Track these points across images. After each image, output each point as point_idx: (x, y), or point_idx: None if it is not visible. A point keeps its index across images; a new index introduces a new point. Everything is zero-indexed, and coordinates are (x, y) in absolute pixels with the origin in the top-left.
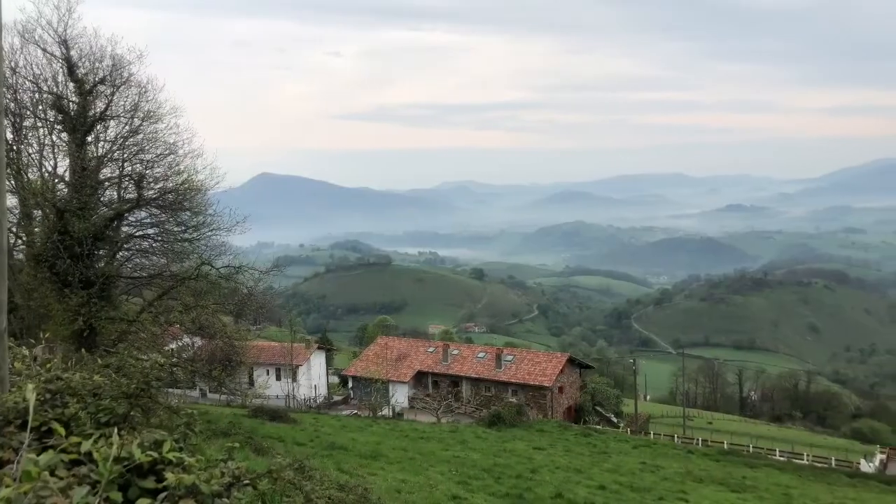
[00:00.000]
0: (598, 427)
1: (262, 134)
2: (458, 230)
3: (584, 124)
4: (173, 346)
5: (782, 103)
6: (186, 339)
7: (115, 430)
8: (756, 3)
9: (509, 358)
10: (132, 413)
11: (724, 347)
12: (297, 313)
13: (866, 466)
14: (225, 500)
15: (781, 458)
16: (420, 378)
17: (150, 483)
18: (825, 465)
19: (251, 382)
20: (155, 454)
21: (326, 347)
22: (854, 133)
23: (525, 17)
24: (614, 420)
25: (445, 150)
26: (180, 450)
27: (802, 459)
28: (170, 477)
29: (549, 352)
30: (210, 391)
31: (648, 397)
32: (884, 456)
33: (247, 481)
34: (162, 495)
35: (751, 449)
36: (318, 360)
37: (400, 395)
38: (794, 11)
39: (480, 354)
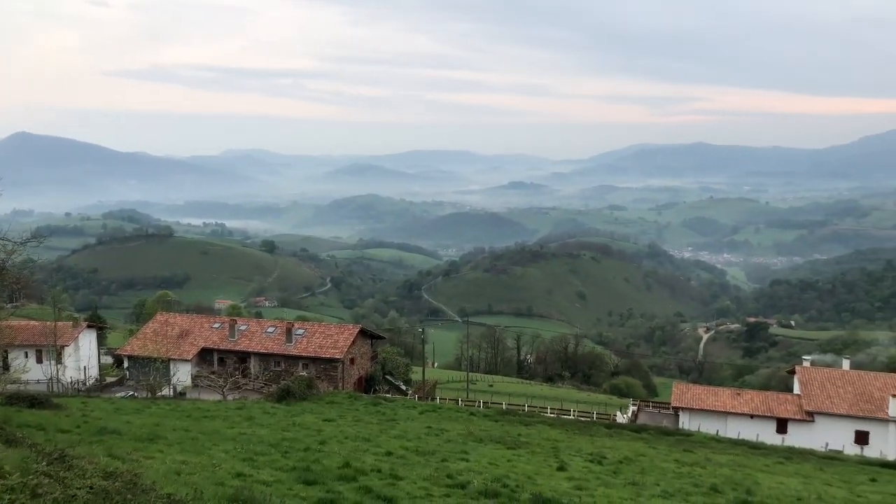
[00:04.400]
0: (387, 395)
1: (19, 89)
2: (246, 200)
3: (376, 98)
4: None
5: (561, 88)
6: None
7: None
8: None
9: (300, 332)
10: None
11: (506, 315)
12: (62, 289)
13: (621, 418)
14: None
15: (552, 415)
16: (205, 355)
17: None
18: (588, 419)
19: (5, 366)
20: None
21: (98, 326)
22: (619, 119)
23: None
24: (403, 388)
25: (232, 116)
26: None
27: (569, 415)
28: None
29: (341, 324)
30: None
31: (436, 364)
32: (635, 407)
33: None
34: None
35: (526, 408)
36: (87, 340)
37: (182, 374)
38: (572, 2)
39: (270, 329)
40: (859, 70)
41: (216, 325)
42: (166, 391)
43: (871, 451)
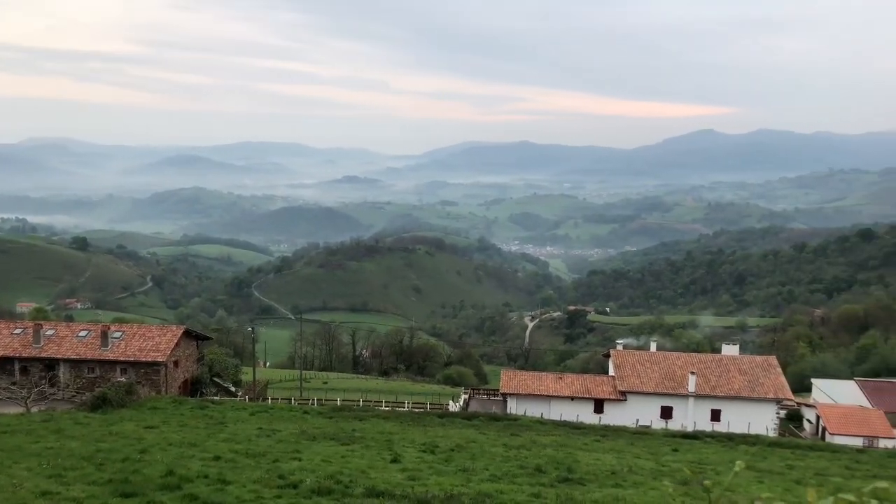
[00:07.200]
0: (215, 398)
1: None
2: (53, 194)
3: (201, 86)
4: None
5: (394, 84)
6: None
7: None
8: None
9: (118, 335)
10: None
11: (341, 311)
12: None
13: (454, 406)
14: None
15: (386, 409)
16: (4, 364)
17: None
18: (422, 410)
19: None
20: None
21: None
22: (449, 116)
23: None
24: (233, 389)
25: (35, 101)
26: None
27: (404, 407)
28: None
29: (163, 325)
30: None
31: (268, 364)
32: (467, 396)
33: None
34: None
35: (361, 403)
36: None
37: None
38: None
39: (82, 333)
40: (661, 76)
41: (17, 331)
42: None
43: (674, 424)
